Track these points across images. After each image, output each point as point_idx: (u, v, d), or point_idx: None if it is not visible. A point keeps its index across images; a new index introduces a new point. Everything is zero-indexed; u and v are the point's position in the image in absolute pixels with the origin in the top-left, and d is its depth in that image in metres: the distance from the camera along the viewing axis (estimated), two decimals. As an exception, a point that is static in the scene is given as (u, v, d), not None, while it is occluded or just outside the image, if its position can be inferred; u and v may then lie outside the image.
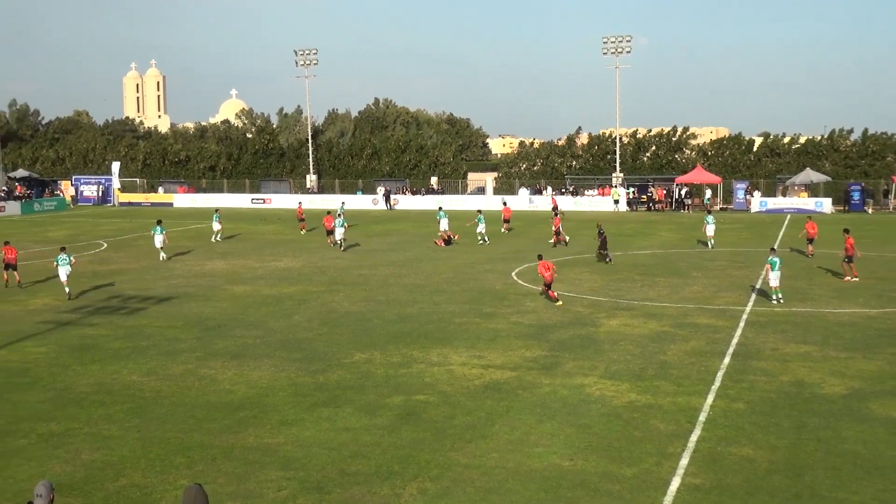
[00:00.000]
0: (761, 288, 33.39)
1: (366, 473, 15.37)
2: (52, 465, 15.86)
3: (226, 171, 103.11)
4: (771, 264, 31.11)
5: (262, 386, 21.04)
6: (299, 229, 59.09)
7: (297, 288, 35.44)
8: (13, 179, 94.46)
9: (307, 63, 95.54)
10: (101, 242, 53.86)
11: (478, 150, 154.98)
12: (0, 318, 29.80)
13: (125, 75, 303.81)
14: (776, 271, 31.09)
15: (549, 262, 32.66)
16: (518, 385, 20.94)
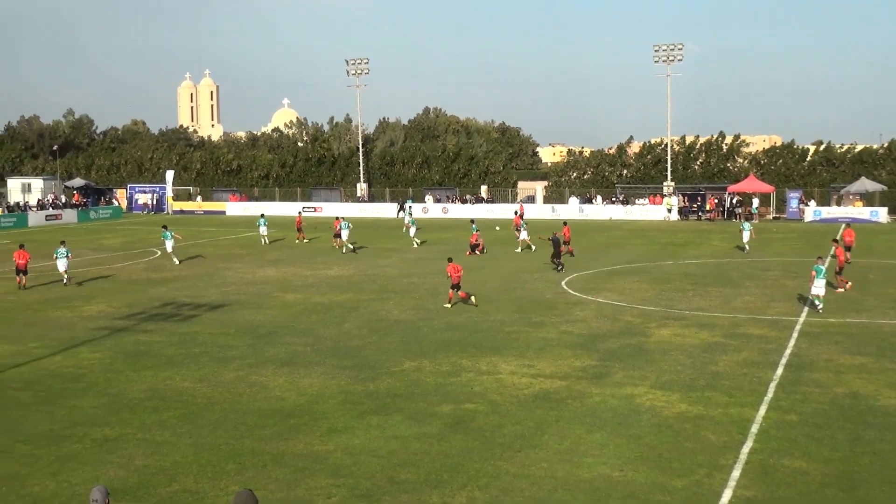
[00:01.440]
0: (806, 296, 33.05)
1: (415, 482, 15.39)
2: (106, 470, 16.07)
3: (278, 180, 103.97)
4: (816, 272, 30.84)
5: (312, 393, 21.16)
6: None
7: (348, 296, 35.61)
8: (70, 188, 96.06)
9: (358, 72, 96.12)
10: (154, 250, 54.53)
11: (528, 158, 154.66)
12: (56, 324, 30.29)
13: (180, 85, 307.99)
14: (821, 279, 30.83)
15: (458, 265, 33.43)
16: (568, 395, 20.85)
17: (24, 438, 17.92)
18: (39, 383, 22.23)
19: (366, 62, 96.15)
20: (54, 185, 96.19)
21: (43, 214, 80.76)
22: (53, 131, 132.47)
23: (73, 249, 52.63)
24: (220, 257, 50.44)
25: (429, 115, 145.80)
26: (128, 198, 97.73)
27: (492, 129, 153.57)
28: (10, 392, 21.44)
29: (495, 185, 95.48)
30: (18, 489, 15.13)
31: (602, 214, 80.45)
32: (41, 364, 24.37)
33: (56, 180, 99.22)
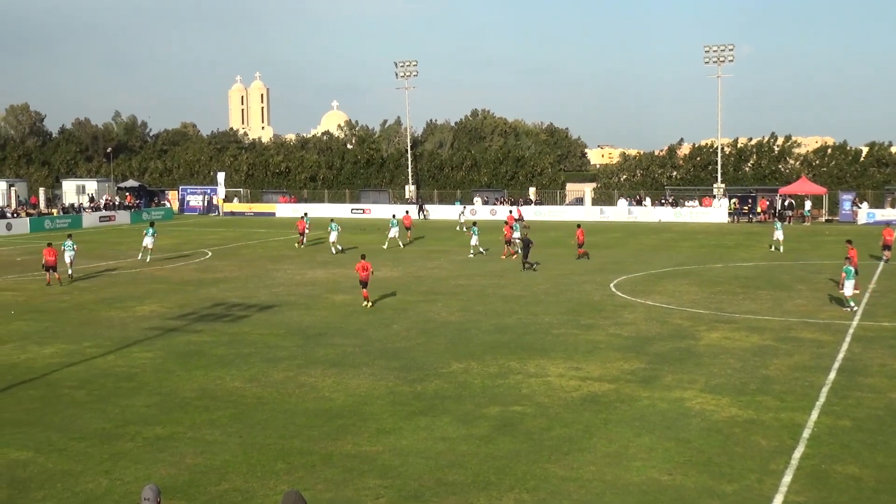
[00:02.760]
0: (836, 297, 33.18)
1: (462, 483, 15.40)
2: (157, 468, 16.27)
3: (326, 182, 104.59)
4: (846, 273, 30.86)
5: (360, 394, 21.27)
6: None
7: (396, 297, 35.72)
8: (123, 189, 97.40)
9: (407, 74, 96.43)
10: (205, 251, 55.12)
11: (576, 160, 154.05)
12: (109, 323, 30.73)
13: (231, 88, 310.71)
14: (850, 280, 30.94)
15: (367, 263, 33.91)
16: (616, 398, 20.76)
17: (78, 436, 18.21)
18: (93, 382, 22.58)
19: (414, 64, 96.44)
20: (108, 187, 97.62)
21: (97, 216, 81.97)
22: (107, 134, 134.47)
23: (126, 251, 53.53)
24: (269, 258, 50.84)
25: (477, 117, 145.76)
26: (179, 199, 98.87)
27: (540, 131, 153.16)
28: (66, 390, 21.80)
29: (543, 186, 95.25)
30: (73, 486, 15.38)
31: (651, 216, 79.95)
32: (95, 363, 24.74)
33: (110, 182, 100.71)
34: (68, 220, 78.39)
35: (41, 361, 24.99)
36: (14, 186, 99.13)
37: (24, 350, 26.51)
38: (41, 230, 67.78)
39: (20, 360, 25.27)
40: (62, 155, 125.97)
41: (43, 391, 21.79)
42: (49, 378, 23.09)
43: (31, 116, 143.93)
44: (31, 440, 17.96)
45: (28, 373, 23.65)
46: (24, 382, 22.62)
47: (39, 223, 73.69)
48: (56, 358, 25.42)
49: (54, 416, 19.71)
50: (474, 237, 51.73)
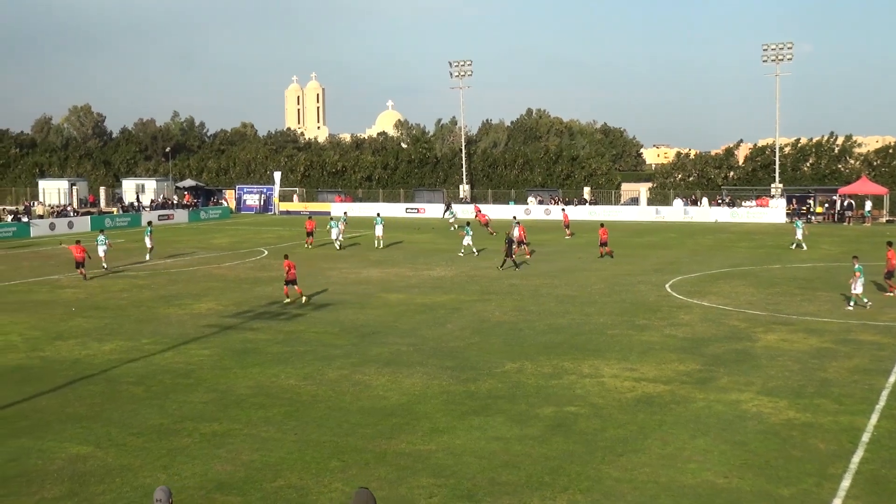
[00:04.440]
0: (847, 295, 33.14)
1: (516, 483, 15.40)
2: (213, 465, 16.47)
3: (381, 181, 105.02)
4: (859, 271, 31.70)
5: (414, 393, 21.34)
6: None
7: (450, 297, 35.78)
8: (181, 189, 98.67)
9: (462, 74, 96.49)
10: (262, 250, 55.65)
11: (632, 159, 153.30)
12: (167, 321, 31.15)
13: (287, 88, 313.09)
14: (861, 279, 31.74)
15: (292, 262, 35.09)
16: (671, 399, 20.60)
17: (137, 431, 18.49)
18: (152, 378, 22.92)
19: (469, 64, 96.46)
20: (166, 186, 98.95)
21: (156, 214, 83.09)
22: (166, 134, 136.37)
23: (184, 249, 54.28)
24: (323, 257, 51.19)
25: (532, 117, 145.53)
26: (236, 198, 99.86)
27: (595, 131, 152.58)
28: (125, 386, 22.15)
29: (598, 186, 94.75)
30: (131, 481, 15.62)
31: (707, 217, 79.16)
32: (153, 360, 25.11)
33: (168, 181, 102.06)
34: (128, 218, 79.58)
35: (101, 358, 25.42)
36: (76, 186, 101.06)
37: (84, 346, 26.99)
38: (101, 228, 68.87)
39: (81, 355, 25.73)
40: (122, 155, 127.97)
41: (103, 387, 22.17)
42: (109, 374, 23.48)
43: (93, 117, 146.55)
44: (92, 435, 18.28)
45: (88, 368, 24.07)
46: (84, 378, 23.03)
47: (100, 221, 74.87)
48: (115, 354, 25.84)
49: (114, 411, 20.04)
50: (467, 237, 51.46)
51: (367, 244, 57.47)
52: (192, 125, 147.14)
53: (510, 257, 44.62)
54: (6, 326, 30.22)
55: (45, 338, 28.29)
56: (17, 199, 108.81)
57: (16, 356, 25.78)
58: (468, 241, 51.19)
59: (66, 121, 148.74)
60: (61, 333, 28.96)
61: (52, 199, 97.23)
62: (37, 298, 36.54)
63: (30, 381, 22.83)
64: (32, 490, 15.30)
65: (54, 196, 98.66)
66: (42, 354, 25.97)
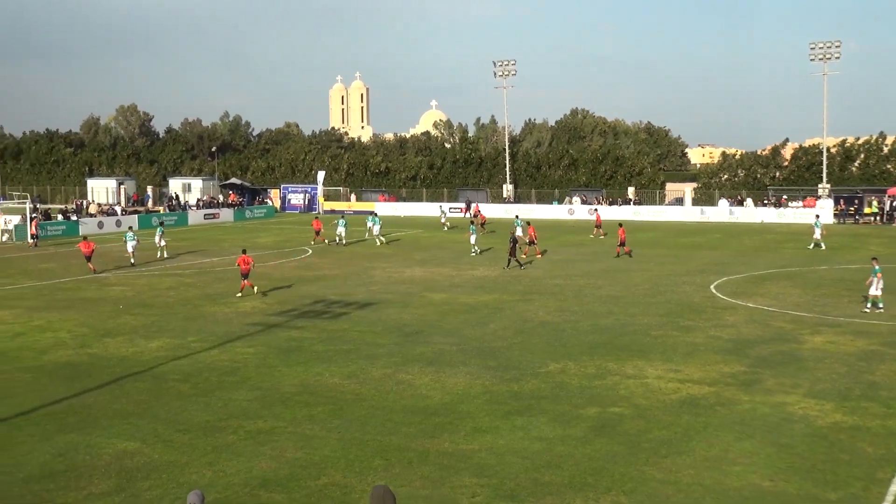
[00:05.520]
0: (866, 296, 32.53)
1: (559, 484, 15.36)
2: (258, 462, 16.60)
3: (425, 181, 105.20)
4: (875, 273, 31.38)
5: (457, 392, 21.36)
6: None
7: (493, 297, 35.76)
8: (226, 188, 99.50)
9: (505, 74, 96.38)
10: (306, 249, 55.97)
11: (676, 159, 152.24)
12: (213, 319, 31.44)
13: (331, 88, 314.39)
14: (881, 281, 31.44)
15: (249, 258, 37.05)
16: (716, 401, 20.45)
17: (183, 428, 18.70)
18: (198, 376, 23.15)
19: (513, 64, 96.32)
20: (212, 186, 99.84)
21: (202, 213, 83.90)
22: (212, 133, 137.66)
23: (229, 248, 54.76)
24: (367, 257, 51.38)
25: (576, 116, 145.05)
26: (281, 197, 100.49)
27: (639, 130, 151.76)
28: (171, 383, 22.40)
29: (642, 186, 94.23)
30: (177, 477, 15.80)
31: (753, 217, 78.38)
32: (199, 357, 25.36)
33: (214, 180, 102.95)
34: (174, 217, 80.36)
35: (148, 355, 25.73)
36: (123, 184, 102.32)
37: (132, 343, 27.33)
38: (148, 227, 69.60)
39: (129, 353, 26.05)
40: (169, 154, 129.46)
41: (150, 384, 22.43)
42: (155, 371, 23.76)
43: (140, 117, 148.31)
44: (139, 431, 18.51)
45: (136, 365, 24.37)
46: (132, 375, 23.32)
47: (147, 220, 75.72)
48: (162, 351, 26.14)
49: (160, 408, 20.27)
50: (473, 236, 51.86)
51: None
52: (239, 125, 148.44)
53: (514, 256, 44.81)
54: (56, 323, 30.68)
55: (94, 335, 28.68)
56: (66, 197, 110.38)
57: (65, 353, 26.17)
58: (473, 239, 51.74)
59: (113, 120, 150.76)
60: (109, 331, 29.35)
61: (100, 198, 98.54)
62: (85, 296, 37.06)
63: (78, 377, 23.17)
64: (81, 485, 15.52)
65: (102, 195, 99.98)
66: (90, 351, 26.34)
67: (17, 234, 64.20)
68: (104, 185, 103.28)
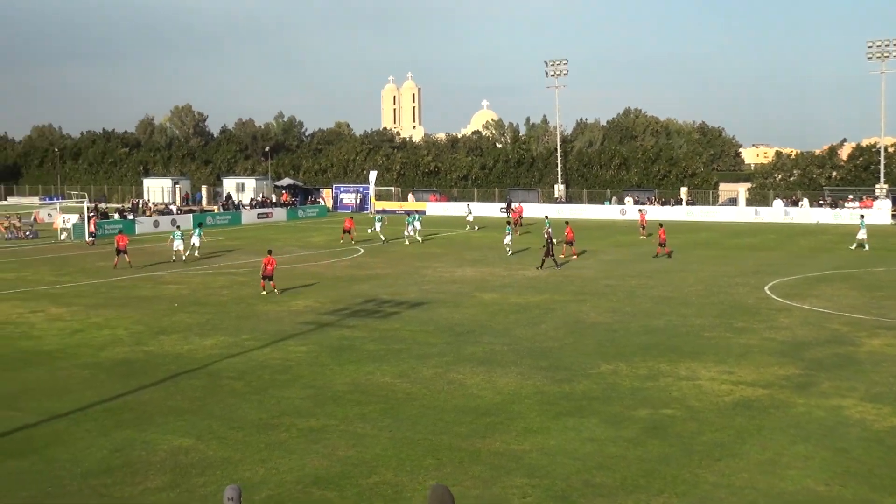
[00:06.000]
0: None
1: (611, 486, 15.30)
2: (310, 459, 16.73)
3: (476, 181, 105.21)
4: None
5: (508, 392, 21.35)
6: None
7: (544, 297, 35.68)
8: (279, 187, 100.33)
9: (557, 73, 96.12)
10: (358, 248, 56.25)
11: (730, 159, 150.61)
12: (266, 317, 31.73)
13: (383, 88, 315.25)
14: None
15: (273, 259, 37.52)
16: (770, 403, 20.23)
17: (236, 425, 18.90)
18: (251, 374, 23.39)
19: (565, 63, 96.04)
20: (265, 185, 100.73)
21: (255, 213, 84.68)
22: (265, 134, 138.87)
23: (283, 247, 55.28)
24: (418, 256, 51.51)
25: (628, 116, 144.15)
26: (333, 197, 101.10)
27: (692, 130, 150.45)
28: (225, 381, 22.65)
29: (695, 186, 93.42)
30: (231, 474, 15.97)
31: (809, 218, 77.36)
32: (253, 355, 25.61)
33: (267, 180, 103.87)
34: (228, 216, 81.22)
35: (202, 352, 26.04)
36: (178, 184, 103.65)
37: (187, 341, 27.67)
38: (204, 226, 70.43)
39: (183, 350, 26.39)
40: (223, 154, 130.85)
41: (204, 381, 22.70)
42: (210, 368, 24.04)
43: (194, 117, 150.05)
44: (193, 428, 18.75)
45: (190, 363, 24.68)
46: (186, 372, 23.62)
47: (201, 219, 76.56)
48: (216, 349, 26.44)
49: (214, 405, 20.51)
50: (508, 236, 51.90)
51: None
52: (292, 125, 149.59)
53: (550, 256, 44.75)
54: (112, 321, 31.17)
55: (149, 332, 29.10)
56: (123, 196, 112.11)
57: (121, 350, 26.58)
58: (508, 239, 51.86)
59: (168, 120, 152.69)
60: (164, 328, 29.75)
61: (155, 197, 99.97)
62: (141, 294, 37.60)
63: (134, 374, 23.53)
64: (136, 480, 15.76)
65: (158, 194, 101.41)
66: (146, 348, 26.72)
67: (75, 233, 65.31)
68: (160, 184, 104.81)
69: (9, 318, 31.87)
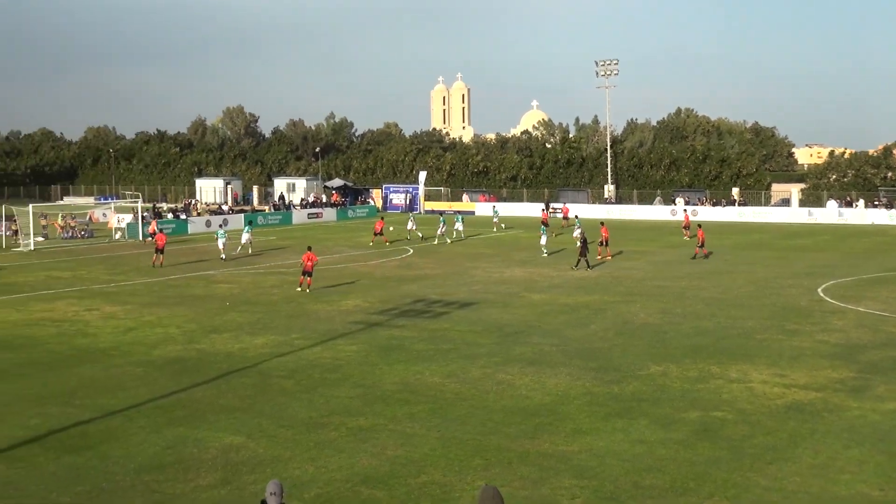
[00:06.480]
0: None
1: (660, 488, 15.21)
2: (359, 458, 16.81)
3: (525, 181, 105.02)
4: None
5: (557, 393, 21.30)
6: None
7: (593, 297, 35.53)
8: (329, 188, 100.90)
9: (607, 73, 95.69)
10: (407, 248, 56.40)
11: (782, 160, 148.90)
12: (316, 316, 31.93)
13: (433, 89, 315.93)
14: None
15: (314, 255, 38.30)
16: (823, 407, 19.97)
17: (287, 424, 19.05)
18: (301, 373, 23.56)
19: (615, 63, 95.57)
20: (316, 186, 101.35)
21: (305, 213, 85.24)
22: (316, 134, 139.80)
23: (333, 246, 55.65)
24: (467, 256, 51.53)
25: (679, 116, 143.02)
26: (383, 197, 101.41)
27: (744, 130, 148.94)
28: (276, 380, 22.84)
29: (747, 187, 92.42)
30: (281, 472, 16.09)
31: (863, 219, 76.18)
32: (302, 354, 25.80)
33: (317, 180, 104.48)
34: (279, 216, 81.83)
35: (253, 351, 26.28)
36: (230, 184, 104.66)
37: (238, 340, 27.94)
38: (255, 225, 71.02)
39: (235, 349, 26.65)
40: (274, 154, 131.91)
41: (255, 379, 22.91)
42: (260, 367, 24.26)
43: (245, 118, 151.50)
44: (244, 426, 18.93)
45: (241, 362, 24.92)
46: (237, 371, 23.85)
47: (252, 219, 77.28)
48: (267, 348, 26.67)
49: (265, 403, 20.69)
50: (543, 237, 52.21)
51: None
52: (342, 126, 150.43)
53: (584, 257, 44.58)
54: (165, 319, 31.56)
55: (201, 331, 29.42)
56: (176, 196, 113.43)
57: (174, 348, 26.91)
58: (544, 240, 51.97)
59: (220, 122, 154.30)
60: (216, 327, 30.06)
61: (207, 197, 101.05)
62: (193, 293, 38.03)
63: (186, 372, 23.81)
64: (188, 477, 15.95)
65: (210, 194, 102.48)
66: (198, 347, 27.02)
67: (129, 232, 66.22)
68: (212, 184, 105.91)
69: (65, 316, 32.42)
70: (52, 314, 32.89)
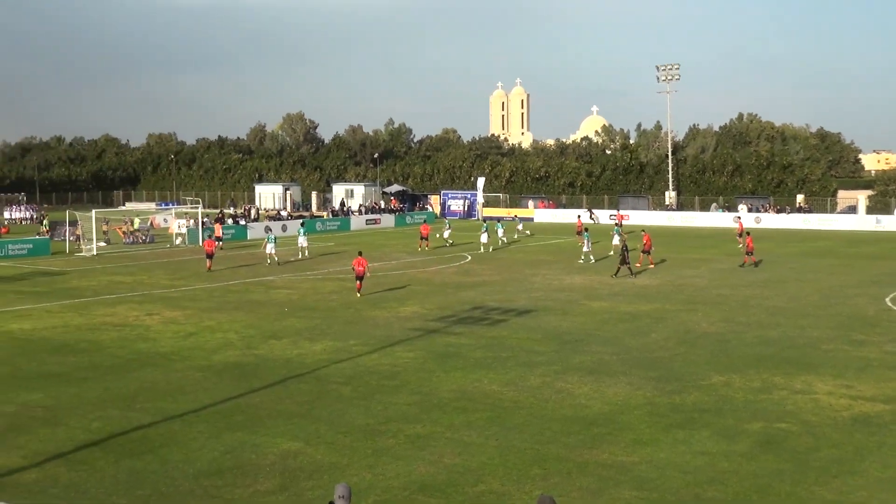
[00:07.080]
0: None
1: (722, 500, 14.91)
2: (417, 466, 16.73)
3: (584, 187, 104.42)
4: None
5: (617, 403, 21.04)
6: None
7: (654, 306, 35.12)
8: (387, 194, 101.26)
9: (669, 78, 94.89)
10: (465, 255, 56.33)
11: (849, 166, 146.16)
12: (374, 323, 31.96)
13: (492, 94, 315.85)
14: None
15: (364, 259, 38.33)
16: (892, 419, 19.46)
17: (344, 430, 19.03)
18: (358, 379, 23.55)
19: (676, 68, 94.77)
20: (374, 191, 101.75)
21: (364, 219, 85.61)
22: (374, 140, 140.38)
23: (391, 252, 55.78)
24: (527, 263, 51.30)
25: (742, 121, 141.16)
26: (441, 203, 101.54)
27: (809, 135, 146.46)
28: (333, 386, 22.86)
29: (813, 194, 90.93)
30: (339, 478, 16.01)
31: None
32: (360, 361, 25.81)
33: (376, 186, 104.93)
34: (338, 222, 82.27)
35: (311, 357, 26.35)
36: (289, 190, 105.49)
37: (296, 346, 28.05)
38: (313, 231, 71.39)
39: (293, 355, 26.75)
40: (333, 160, 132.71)
41: (312, 385, 22.96)
42: (318, 373, 24.31)
43: (305, 124, 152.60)
44: (302, 432, 18.95)
45: (299, 367, 25.00)
46: (296, 377, 23.92)
47: (311, 225, 77.77)
48: (325, 354, 26.73)
49: (322, 409, 20.71)
50: (587, 243, 51.79)
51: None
52: (401, 132, 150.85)
53: (626, 265, 44.00)
54: (225, 325, 31.80)
55: (260, 336, 29.59)
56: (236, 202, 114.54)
57: (233, 353, 27.09)
58: (588, 247, 51.68)
59: (280, 128, 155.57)
60: (275, 332, 30.22)
61: (266, 203, 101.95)
62: (253, 298, 38.31)
63: (245, 377, 23.93)
64: (247, 482, 15.99)
65: (269, 200, 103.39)
66: (257, 352, 27.17)
67: (189, 238, 66.97)
68: (271, 190, 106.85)
69: (126, 321, 32.83)
70: (114, 318, 33.34)
